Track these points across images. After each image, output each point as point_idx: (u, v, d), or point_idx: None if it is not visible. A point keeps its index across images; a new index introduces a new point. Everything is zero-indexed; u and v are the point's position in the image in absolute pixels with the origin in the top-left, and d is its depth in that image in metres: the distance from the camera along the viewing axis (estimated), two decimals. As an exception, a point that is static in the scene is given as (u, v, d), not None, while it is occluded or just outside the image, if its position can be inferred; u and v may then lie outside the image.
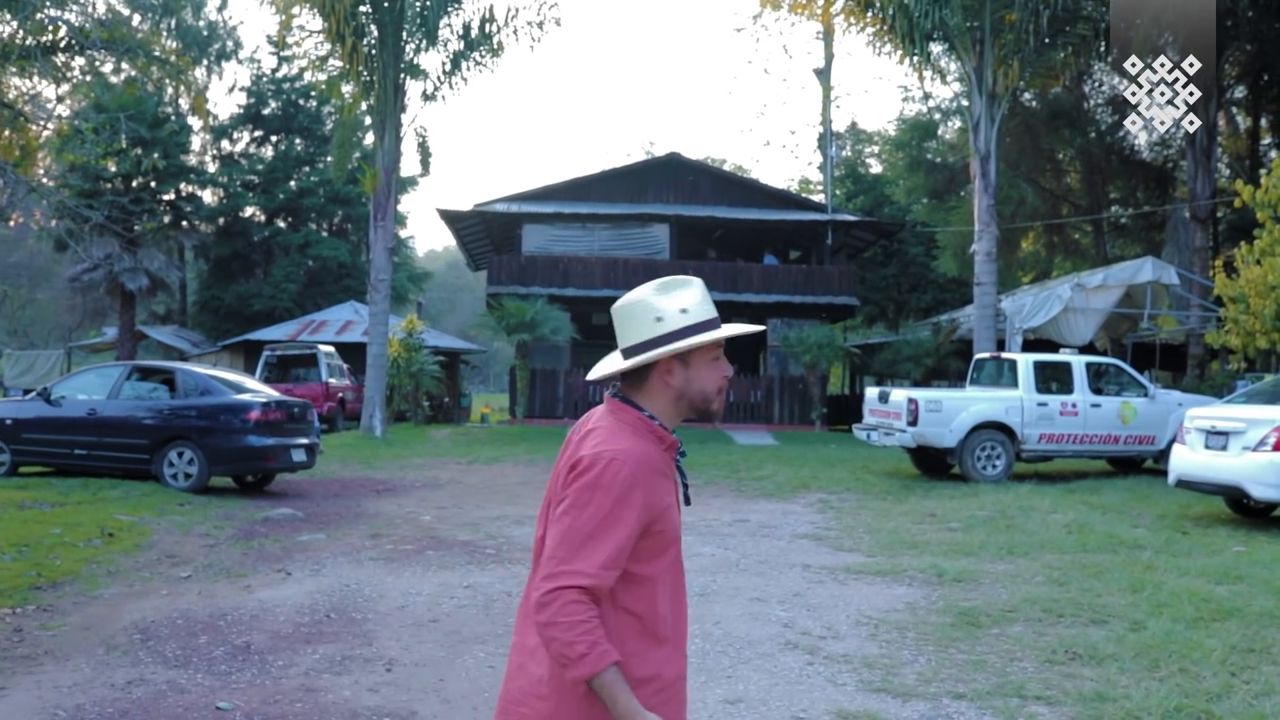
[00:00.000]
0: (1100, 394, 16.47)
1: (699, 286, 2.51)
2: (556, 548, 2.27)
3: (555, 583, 2.23)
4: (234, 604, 7.81)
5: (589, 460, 2.32)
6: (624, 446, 2.34)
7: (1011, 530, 11.31)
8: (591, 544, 2.25)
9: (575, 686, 2.26)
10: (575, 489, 2.30)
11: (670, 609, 2.43)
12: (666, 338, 2.41)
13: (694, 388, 2.48)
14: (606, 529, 2.26)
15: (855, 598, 8.24)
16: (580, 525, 2.26)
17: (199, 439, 13.70)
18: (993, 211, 22.99)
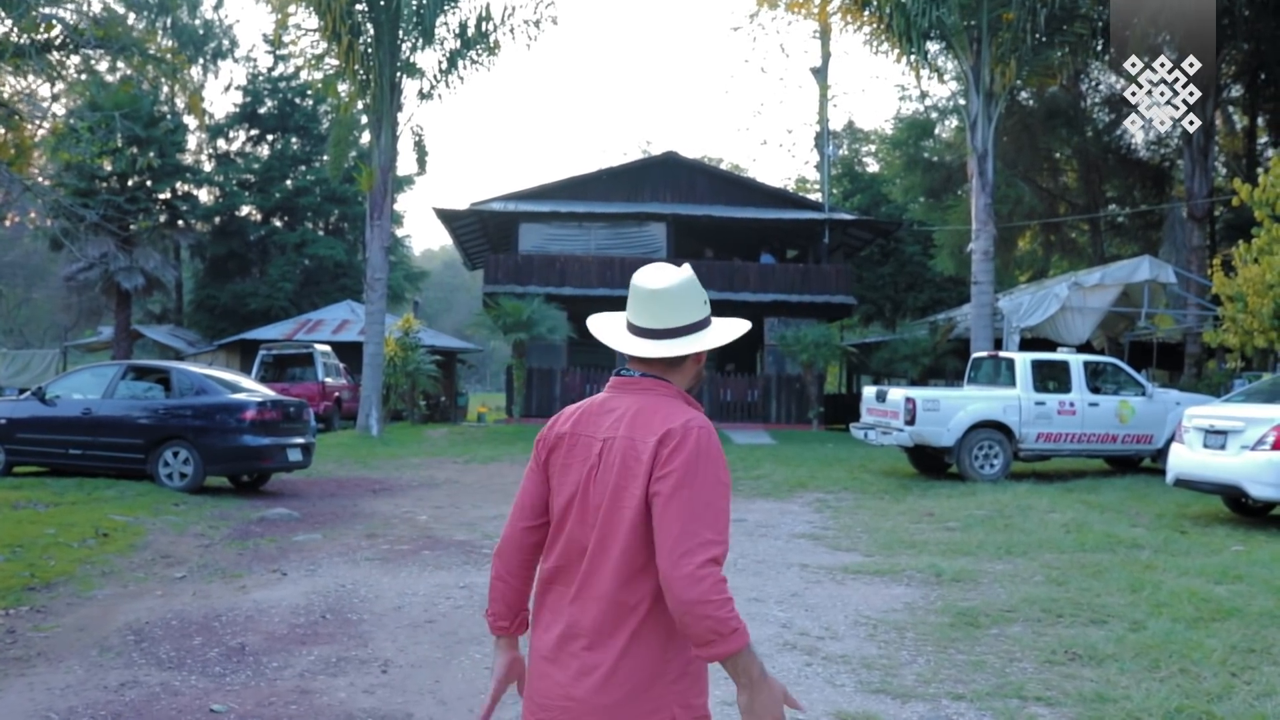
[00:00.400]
0: (1098, 393, 16.45)
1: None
2: (688, 523, 2.22)
3: (699, 556, 2.19)
4: (229, 605, 7.77)
5: (682, 431, 2.31)
6: (698, 415, 2.39)
7: (1009, 529, 11.28)
8: (712, 513, 2.26)
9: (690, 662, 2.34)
10: (681, 462, 2.27)
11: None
12: (706, 321, 2.55)
13: (699, 373, 2.61)
14: (721, 496, 2.29)
15: (853, 598, 8.20)
16: (700, 496, 2.25)
17: (194, 439, 13.64)
18: (990, 210, 22.96)
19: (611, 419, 2.44)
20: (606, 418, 2.46)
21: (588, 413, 2.53)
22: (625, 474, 2.34)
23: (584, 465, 2.44)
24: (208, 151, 43.77)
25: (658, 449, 2.31)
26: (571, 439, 2.50)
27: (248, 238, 42.50)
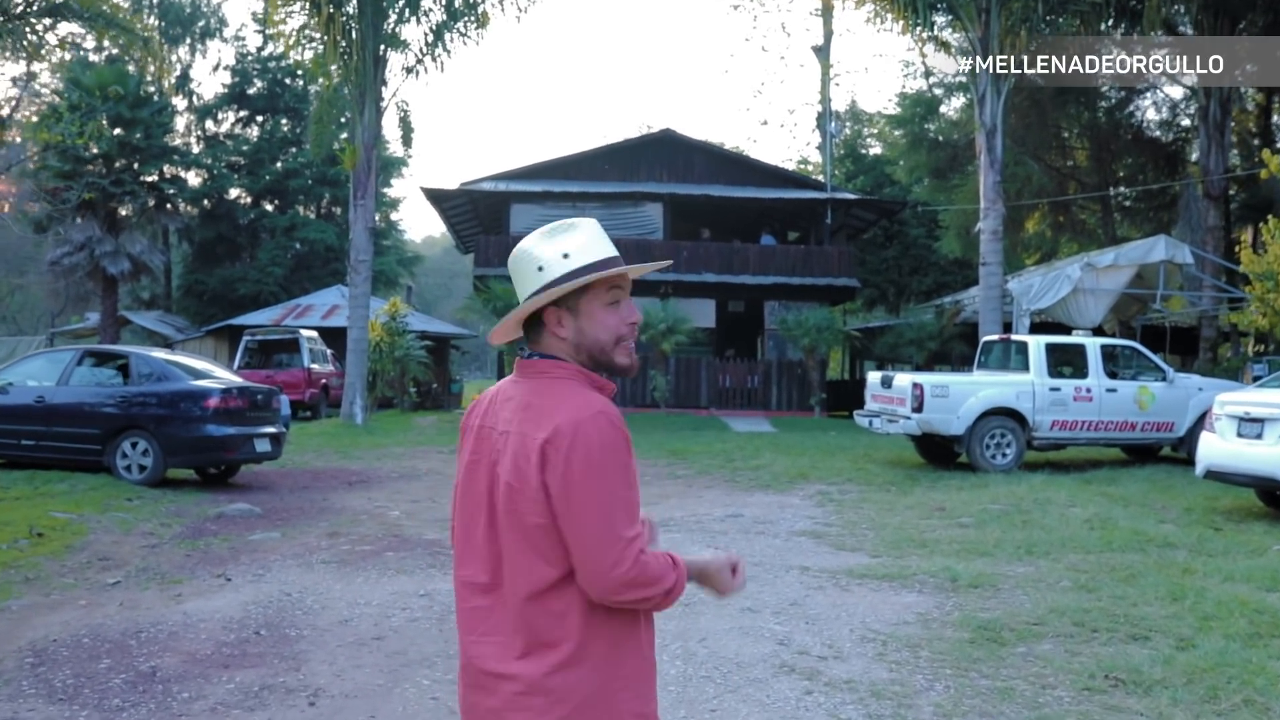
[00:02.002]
0: (1116, 378, 15.57)
1: (587, 227, 2.28)
2: (601, 530, 2.05)
3: (622, 564, 2.04)
4: (155, 618, 6.89)
5: (571, 432, 2.08)
6: (594, 401, 2.15)
7: (1028, 526, 10.39)
8: (621, 508, 2.07)
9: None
10: (577, 469, 2.06)
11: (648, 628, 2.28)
12: (546, 288, 2.20)
13: (587, 338, 2.24)
14: (623, 485, 2.09)
15: (859, 607, 7.31)
16: (604, 499, 2.06)
17: (154, 428, 12.76)
18: (999, 188, 22.05)
19: (510, 408, 2.23)
20: (506, 406, 2.25)
21: (494, 401, 2.32)
22: (519, 476, 2.13)
23: (489, 463, 2.22)
24: (196, 133, 42.80)
25: (545, 451, 2.08)
26: (479, 432, 2.29)
27: (237, 221, 41.57)
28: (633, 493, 2.11)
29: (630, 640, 2.16)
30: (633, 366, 2.30)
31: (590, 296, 2.23)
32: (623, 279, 2.27)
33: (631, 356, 2.29)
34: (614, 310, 2.25)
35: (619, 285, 2.26)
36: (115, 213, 36.11)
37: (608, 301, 2.24)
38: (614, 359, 2.25)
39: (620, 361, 2.27)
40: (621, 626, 2.14)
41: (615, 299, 2.25)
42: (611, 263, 2.23)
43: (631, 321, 2.29)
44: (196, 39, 43.05)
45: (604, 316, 2.24)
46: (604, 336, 2.24)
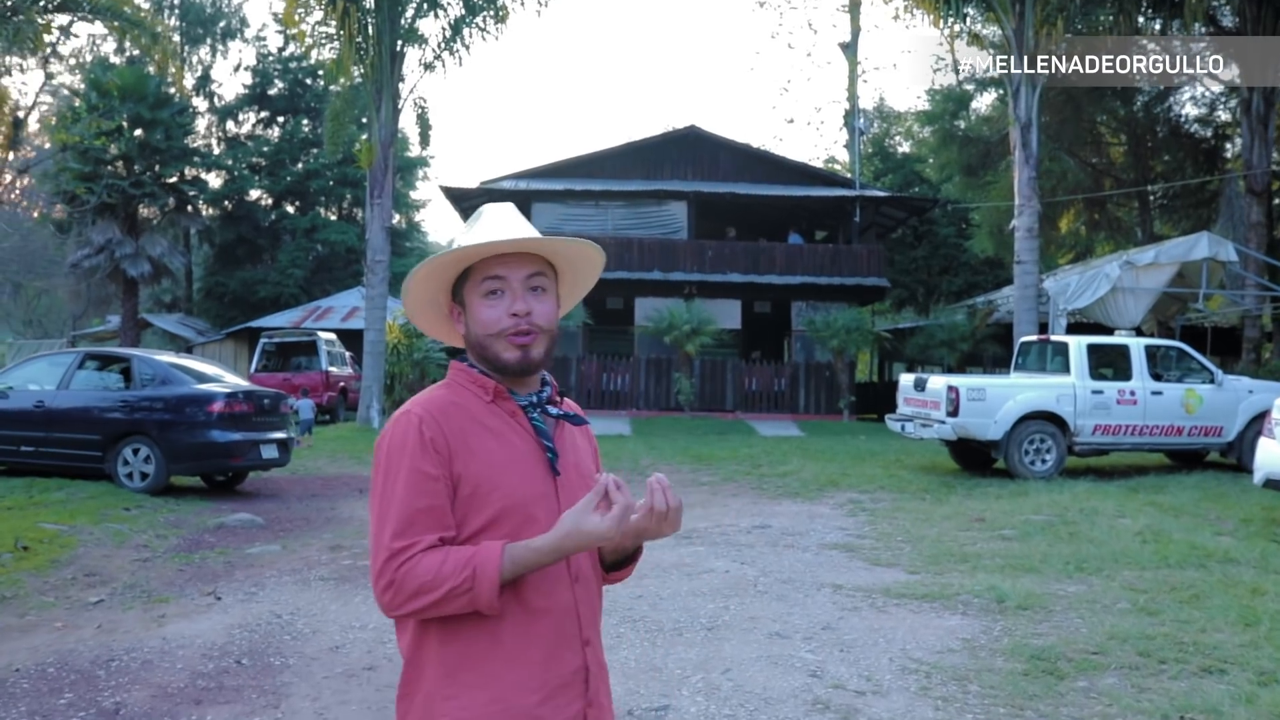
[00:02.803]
0: (1161, 380, 14.84)
1: (489, 215, 2.13)
2: (372, 540, 1.96)
3: (381, 579, 1.90)
4: (131, 643, 6.34)
5: (381, 431, 2.06)
6: (416, 398, 2.08)
7: (1075, 539, 9.71)
8: (390, 518, 1.92)
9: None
10: (373, 470, 2.03)
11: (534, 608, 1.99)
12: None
13: (471, 335, 2.11)
14: (405, 493, 1.93)
15: (899, 631, 6.69)
16: (382, 495, 1.96)
17: (156, 434, 12.27)
18: (1034, 184, 21.31)
19: None
20: None
21: None
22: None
23: None
24: (217, 134, 42.48)
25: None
26: None
27: (257, 223, 41.21)
28: (414, 497, 1.93)
29: (473, 671, 1.95)
30: (525, 361, 2.05)
31: (469, 287, 2.08)
32: (504, 265, 2.05)
33: (524, 350, 2.05)
34: (492, 301, 2.06)
35: (496, 274, 2.06)
36: (135, 215, 35.79)
37: (484, 292, 2.07)
38: (496, 354, 2.06)
39: (504, 356, 2.05)
40: (460, 652, 1.96)
41: (491, 289, 2.06)
42: (479, 249, 2.04)
43: (515, 312, 2.04)
44: (218, 39, 42.76)
45: (480, 309, 2.07)
46: (480, 331, 2.07)
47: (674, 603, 7.43)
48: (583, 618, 2.05)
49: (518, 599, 1.96)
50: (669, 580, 8.19)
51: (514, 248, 2.07)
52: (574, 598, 2.04)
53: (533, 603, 1.98)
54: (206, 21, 41.45)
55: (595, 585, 2.13)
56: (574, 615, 2.04)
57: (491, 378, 2.08)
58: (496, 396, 2.07)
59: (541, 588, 1.99)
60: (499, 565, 1.87)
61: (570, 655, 2.02)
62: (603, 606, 2.21)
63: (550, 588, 2.00)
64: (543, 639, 1.98)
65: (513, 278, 2.06)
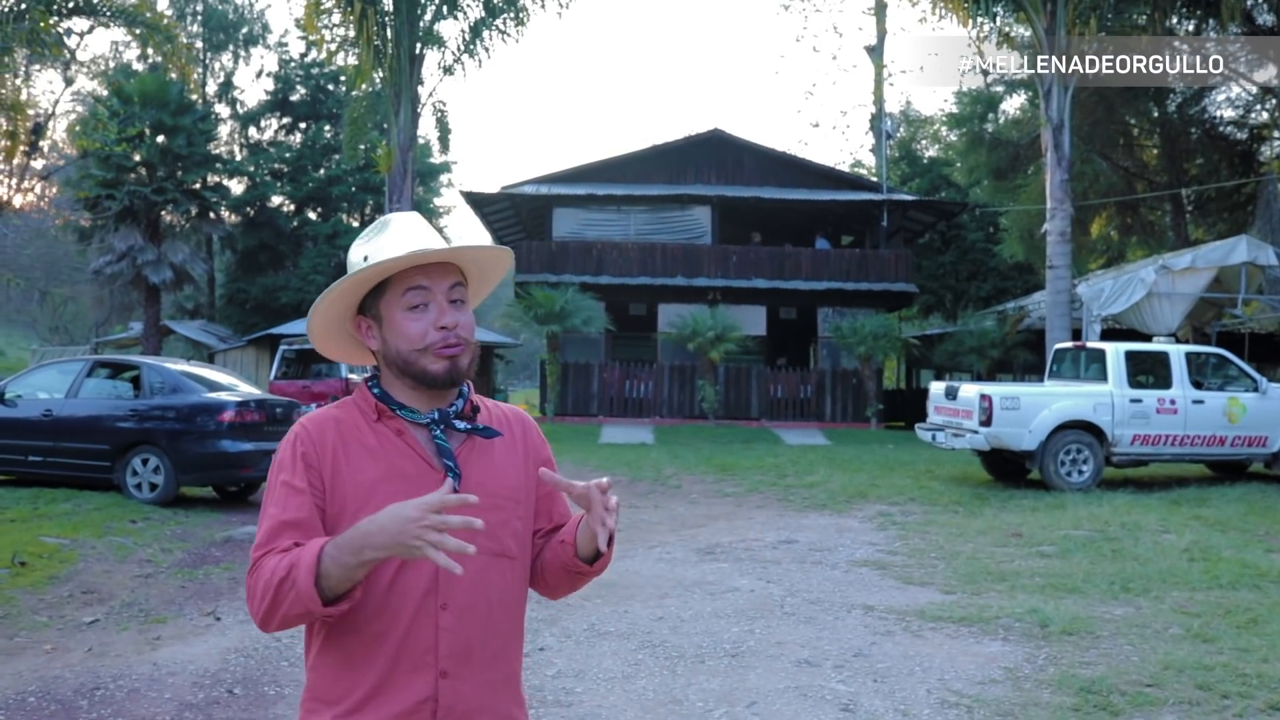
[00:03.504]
0: (1202, 388, 14.33)
1: (397, 224, 2.05)
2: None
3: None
4: (120, 669, 5.99)
5: None
6: (300, 419, 2.03)
7: (1119, 557, 9.25)
8: (260, 529, 1.92)
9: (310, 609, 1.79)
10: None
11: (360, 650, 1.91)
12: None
13: (389, 350, 2.00)
14: (269, 497, 1.94)
15: (936, 659, 6.26)
16: (261, 513, 1.94)
17: (166, 444, 11.95)
18: (1066, 187, 20.81)
19: None
20: None
21: None
22: None
23: None
24: (239, 140, 42.37)
25: None
26: None
27: (279, 229, 41.04)
28: (280, 510, 1.90)
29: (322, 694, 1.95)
30: (454, 372, 1.98)
31: (387, 301, 1.99)
32: (427, 277, 1.98)
33: (452, 362, 1.97)
34: (417, 315, 1.98)
35: (420, 285, 1.98)
36: (158, 221, 35.66)
37: (407, 305, 1.98)
38: (423, 368, 1.97)
39: (432, 369, 1.97)
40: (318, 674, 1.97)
41: (415, 301, 1.97)
42: (399, 261, 1.96)
43: (443, 325, 1.97)
44: (240, 46, 42.68)
45: (403, 322, 1.98)
46: (403, 345, 1.98)
47: (696, 625, 7.03)
48: (442, 646, 1.92)
49: (363, 619, 1.90)
50: (691, 600, 7.79)
51: (449, 256, 2.01)
52: (435, 624, 1.92)
53: (374, 624, 1.90)
54: (229, 28, 41.40)
55: (480, 618, 1.97)
56: (429, 642, 1.91)
57: (384, 397, 2.01)
58: (380, 415, 2.00)
59: (387, 607, 1.91)
60: (317, 552, 1.77)
61: (415, 684, 1.91)
62: (517, 645, 2.08)
63: (397, 607, 1.91)
64: (380, 662, 1.91)
65: (436, 289, 1.99)
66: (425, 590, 1.92)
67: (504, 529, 2.01)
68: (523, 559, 2.09)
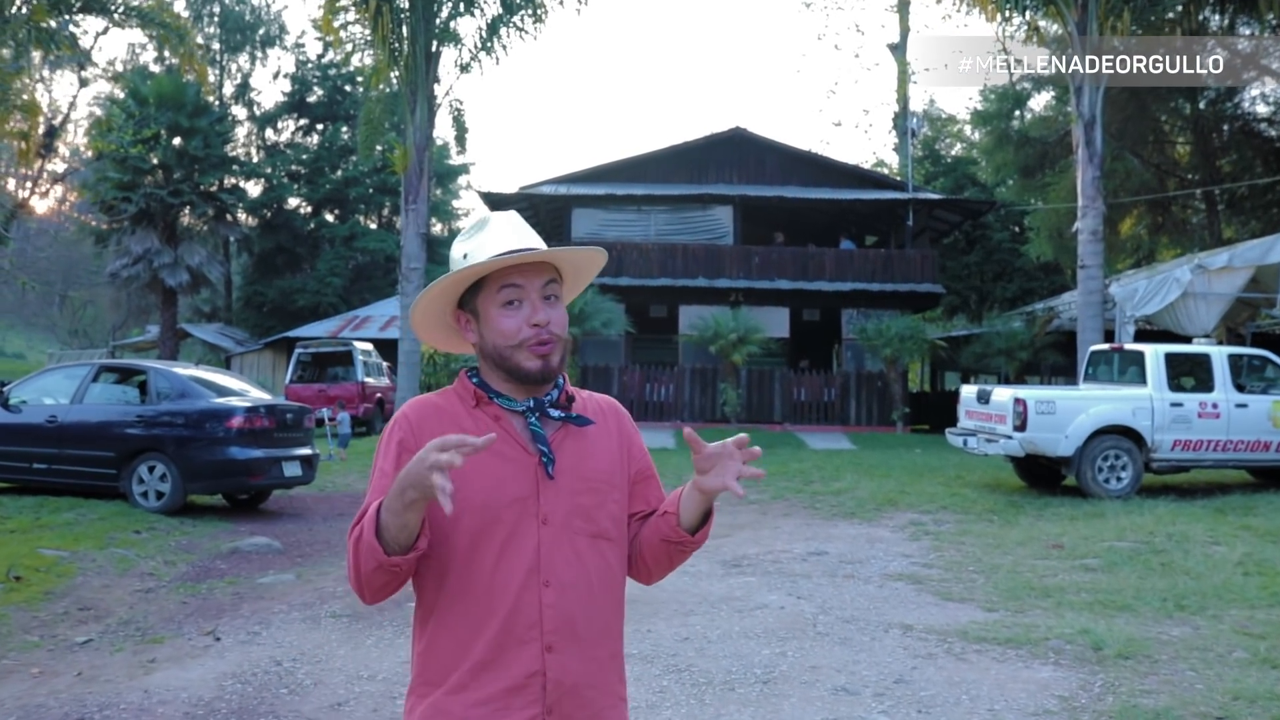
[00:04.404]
0: (1244, 392, 13.79)
1: (496, 224, 2.12)
2: None
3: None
4: (109, 696, 5.60)
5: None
6: (405, 404, 2.12)
7: (1169, 571, 8.75)
8: (365, 500, 1.98)
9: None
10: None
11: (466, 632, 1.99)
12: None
13: (487, 344, 2.10)
14: (369, 487, 2.03)
15: (983, 686, 5.80)
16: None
17: (173, 451, 11.61)
18: (1098, 184, 20.26)
19: None
20: None
21: None
22: None
23: None
24: (256, 142, 42.15)
25: None
26: None
27: (296, 231, 40.81)
28: (376, 494, 1.95)
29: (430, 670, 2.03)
30: (546, 369, 2.06)
31: (484, 297, 2.08)
32: (521, 275, 2.06)
33: (544, 359, 2.06)
34: (511, 311, 2.06)
35: (514, 283, 2.06)
36: (174, 224, 35.50)
37: (501, 302, 2.06)
38: (518, 363, 2.06)
39: (526, 366, 2.06)
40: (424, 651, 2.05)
41: (510, 298, 2.06)
42: (497, 260, 2.03)
43: (535, 323, 2.05)
44: (256, 47, 42.44)
45: (498, 319, 2.07)
46: (499, 341, 2.07)
47: (724, 647, 6.59)
48: (546, 621, 1.99)
49: (470, 595, 1.99)
50: (718, 618, 7.35)
51: (541, 258, 2.07)
52: (539, 601, 1.99)
53: (481, 602, 1.98)
54: (245, 29, 41.15)
55: (582, 595, 2.04)
56: (534, 618, 1.98)
57: (483, 386, 2.09)
58: (479, 402, 2.09)
59: (494, 585, 1.98)
60: (378, 507, 1.87)
61: (523, 658, 1.98)
62: (618, 623, 2.13)
63: (503, 586, 1.98)
64: (486, 638, 1.97)
65: (530, 287, 2.06)
66: (528, 569, 1.99)
67: (600, 511, 2.09)
68: (620, 541, 2.15)
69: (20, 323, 65.13)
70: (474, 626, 1.98)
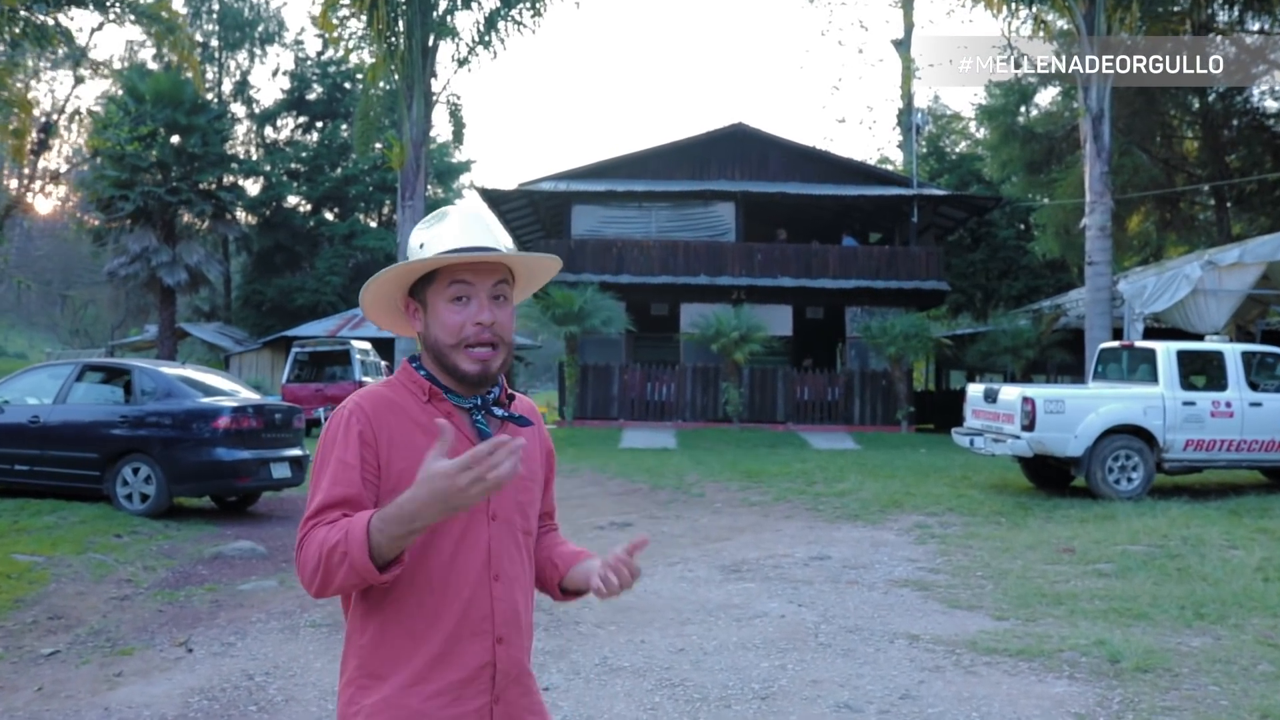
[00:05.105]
0: (1258, 390, 13.44)
1: (456, 215, 2.13)
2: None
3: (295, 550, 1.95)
4: (67, 714, 5.31)
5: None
6: (355, 394, 2.11)
7: (1185, 576, 8.41)
8: (310, 502, 1.97)
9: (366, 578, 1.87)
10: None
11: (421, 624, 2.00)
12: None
13: (429, 336, 2.10)
14: (321, 472, 2.00)
15: (995, 702, 5.47)
16: (311, 485, 2.01)
17: (158, 452, 11.27)
18: (1107, 179, 19.94)
19: None
20: None
21: None
22: None
23: None
24: (255, 140, 41.84)
25: None
26: None
27: (295, 229, 40.48)
28: (333, 486, 1.96)
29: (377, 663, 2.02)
30: (482, 374, 2.06)
31: (434, 289, 2.08)
32: (471, 272, 2.05)
33: (483, 364, 2.06)
34: (458, 307, 2.06)
35: (464, 280, 2.05)
36: (173, 222, 35.19)
37: (450, 297, 2.06)
38: (456, 363, 2.06)
39: (463, 367, 2.06)
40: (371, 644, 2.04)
41: (458, 294, 2.06)
42: (460, 253, 2.05)
43: (478, 321, 2.05)
44: (255, 44, 42.11)
45: (444, 313, 2.07)
46: (442, 335, 2.07)
47: (720, 659, 6.27)
48: (497, 614, 2.05)
49: (425, 588, 1.99)
50: (715, 627, 7.02)
51: (493, 259, 2.07)
52: (490, 594, 2.04)
53: (437, 596, 2.00)
54: (244, 26, 40.83)
55: (521, 589, 2.12)
56: (486, 611, 2.03)
57: (432, 380, 2.10)
58: (432, 397, 2.09)
59: (449, 580, 2.01)
60: (366, 523, 1.83)
61: (475, 650, 2.02)
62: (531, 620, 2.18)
63: (459, 580, 2.01)
64: (442, 632, 2.00)
65: (480, 285, 2.06)
66: (482, 563, 2.03)
67: (531, 509, 2.18)
68: (534, 537, 2.23)
69: (22, 322, 64.92)
70: (429, 619, 1.99)
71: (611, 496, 14.20)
